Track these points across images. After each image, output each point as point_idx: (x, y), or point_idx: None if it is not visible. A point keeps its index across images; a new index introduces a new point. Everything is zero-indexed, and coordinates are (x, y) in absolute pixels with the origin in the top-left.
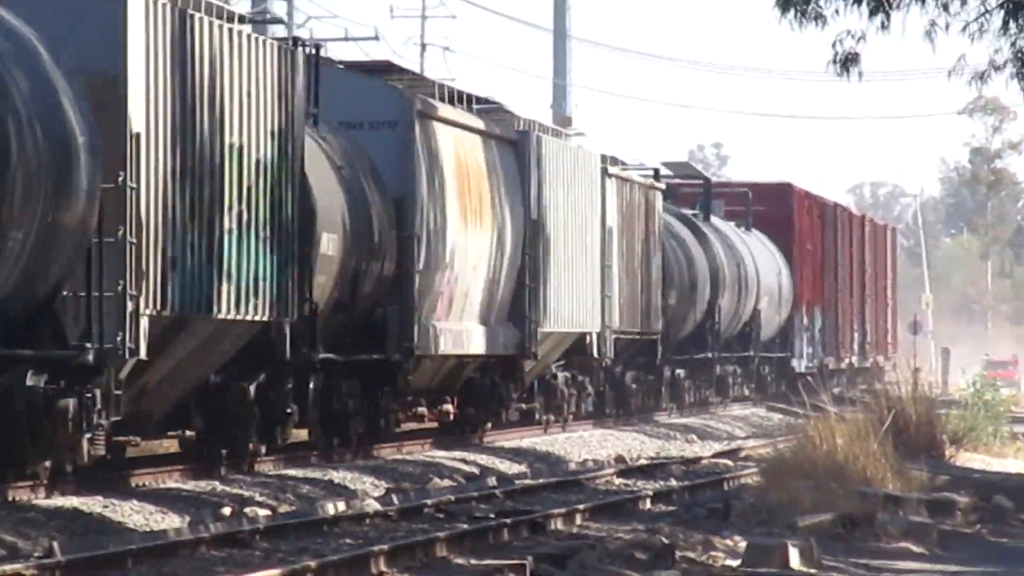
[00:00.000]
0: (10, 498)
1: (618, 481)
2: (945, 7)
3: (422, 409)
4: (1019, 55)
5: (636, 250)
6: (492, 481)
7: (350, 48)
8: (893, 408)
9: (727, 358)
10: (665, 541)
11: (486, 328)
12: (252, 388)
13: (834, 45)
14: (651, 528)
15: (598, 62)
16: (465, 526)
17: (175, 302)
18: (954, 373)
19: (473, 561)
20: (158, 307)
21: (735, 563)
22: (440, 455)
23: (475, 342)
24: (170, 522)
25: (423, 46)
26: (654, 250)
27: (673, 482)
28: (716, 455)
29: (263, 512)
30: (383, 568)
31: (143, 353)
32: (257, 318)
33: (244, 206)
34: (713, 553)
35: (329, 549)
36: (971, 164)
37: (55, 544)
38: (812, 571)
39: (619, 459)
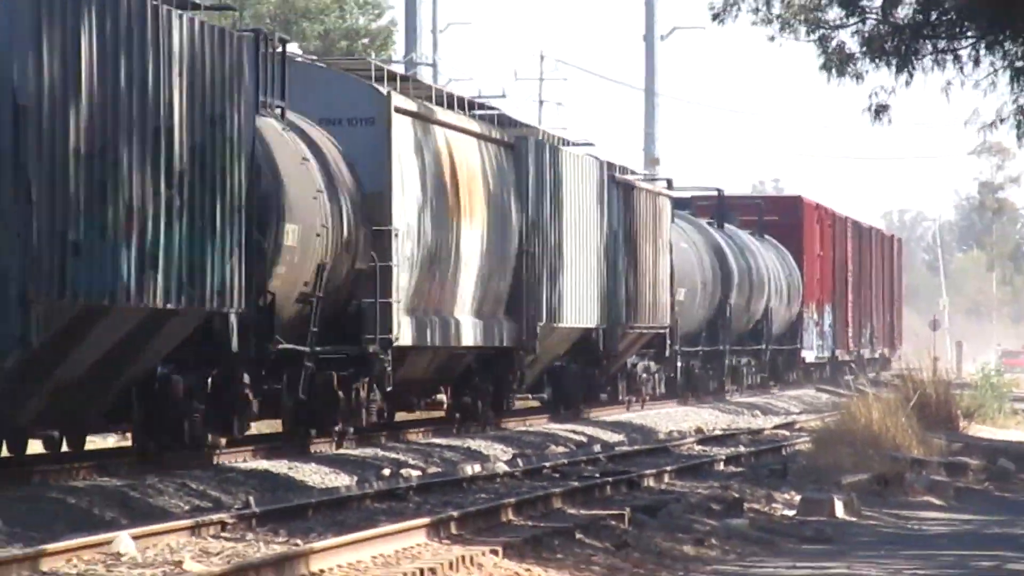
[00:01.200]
0: (215, 461)
1: (698, 448)
2: (960, 69)
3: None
4: (1020, 110)
5: (644, 252)
6: (597, 448)
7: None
8: (917, 390)
9: (739, 350)
10: (736, 495)
11: (480, 321)
12: (209, 379)
13: (869, 97)
14: (724, 485)
15: (682, 112)
16: (576, 483)
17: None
18: (966, 362)
19: (582, 511)
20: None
21: (791, 512)
22: (554, 427)
23: (466, 334)
24: (341, 480)
25: (540, 102)
26: (662, 252)
27: (741, 448)
28: (775, 427)
29: (415, 472)
30: (511, 517)
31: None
32: (194, 308)
33: (175, 192)
34: (774, 505)
35: (467, 502)
36: (979, 195)
37: (251, 498)
38: (853, 519)
39: (698, 430)
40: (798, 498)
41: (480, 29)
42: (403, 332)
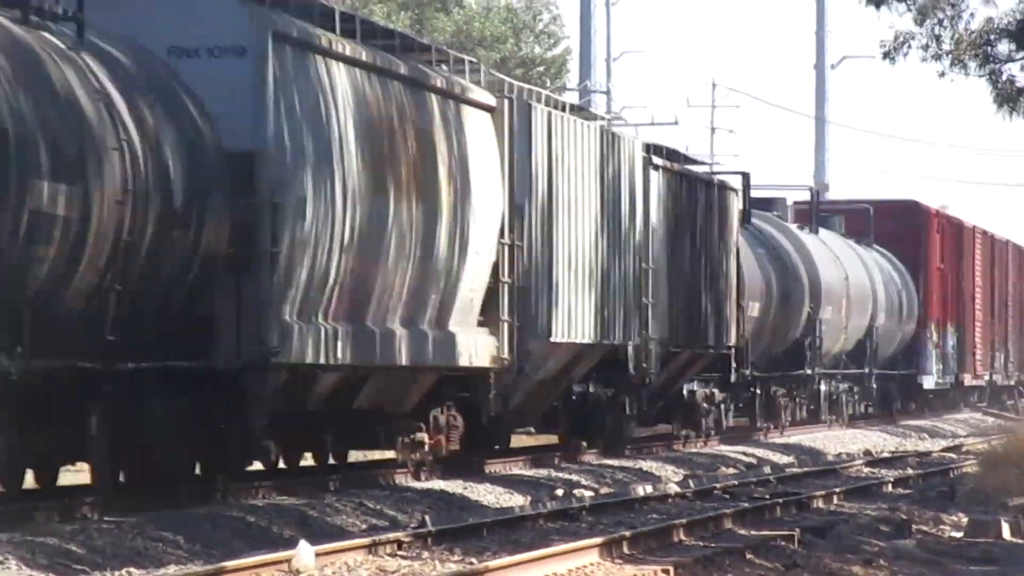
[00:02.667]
0: (391, 482)
1: (866, 470)
2: None
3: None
4: None
5: (700, 255)
6: (767, 469)
7: (654, 131)
8: None
9: (832, 374)
10: (904, 517)
11: (432, 333)
12: None
13: None
14: (892, 507)
15: (852, 139)
16: (746, 504)
17: None
18: None
19: (753, 532)
20: None
21: (959, 534)
22: (726, 448)
23: (400, 349)
24: (515, 500)
25: (712, 130)
26: (727, 257)
27: (909, 471)
28: (943, 450)
29: (588, 493)
30: (682, 537)
31: None
32: None
33: None
34: (942, 527)
35: (639, 522)
36: None
37: (427, 517)
38: (1020, 541)
39: (866, 452)
40: (966, 520)
41: (653, 57)
42: (294, 344)
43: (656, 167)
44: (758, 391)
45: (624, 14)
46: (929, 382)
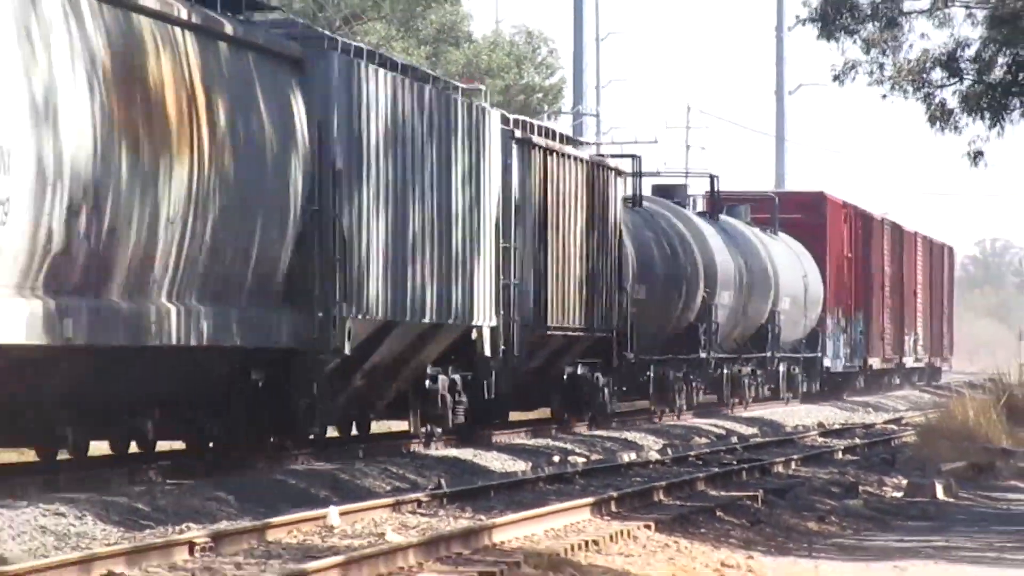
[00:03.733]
0: (411, 449)
1: (820, 440)
2: None
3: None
4: None
5: (574, 236)
6: (734, 439)
7: (637, 148)
8: (1006, 391)
9: (732, 358)
10: (852, 480)
11: (207, 310)
12: None
13: (967, 145)
14: (842, 471)
15: (809, 156)
16: (716, 469)
17: None
18: None
19: (722, 493)
20: None
21: (899, 495)
22: (699, 421)
23: (164, 329)
24: (518, 466)
25: (687, 147)
26: (607, 237)
27: (856, 440)
28: (885, 422)
29: (580, 459)
30: (662, 497)
31: None
32: None
33: None
34: (884, 488)
35: (625, 484)
36: None
37: (442, 480)
38: (952, 500)
39: (819, 425)
40: (905, 482)
41: (636, 84)
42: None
43: (522, 142)
44: (652, 374)
45: (612, 47)
46: (837, 365)
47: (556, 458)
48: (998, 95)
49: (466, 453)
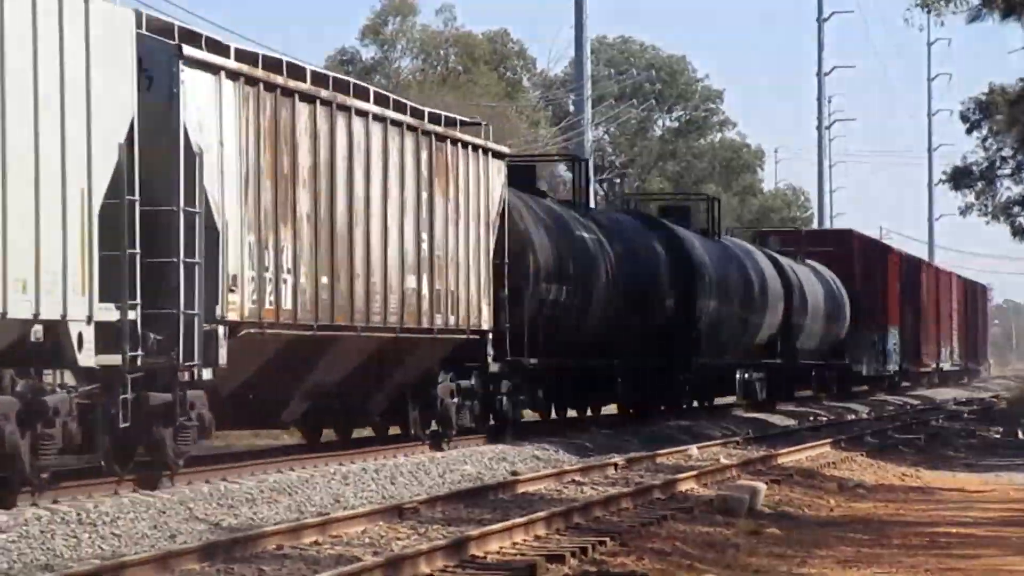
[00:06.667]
0: (730, 413)
1: (953, 407)
2: None
3: None
4: None
5: (420, 224)
6: (907, 408)
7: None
8: None
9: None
10: (970, 428)
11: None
12: None
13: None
14: (966, 424)
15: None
16: (899, 424)
17: None
18: None
19: (902, 435)
20: None
21: (998, 435)
22: (887, 396)
23: None
24: (790, 422)
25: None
26: (482, 230)
27: (974, 406)
28: (989, 398)
29: (823, 418)
30: (869, 438)
31: None
32: None
33: None
34: (991, 432)
35: (849, 431)
36: None
37: (750, 431)
38: None
39: (955, 399)
40: (1001, 429)
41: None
42: None
43: (380, 119)
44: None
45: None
46: (868, 370)
47: (812, 418)
48: None
49: (762, 416)
